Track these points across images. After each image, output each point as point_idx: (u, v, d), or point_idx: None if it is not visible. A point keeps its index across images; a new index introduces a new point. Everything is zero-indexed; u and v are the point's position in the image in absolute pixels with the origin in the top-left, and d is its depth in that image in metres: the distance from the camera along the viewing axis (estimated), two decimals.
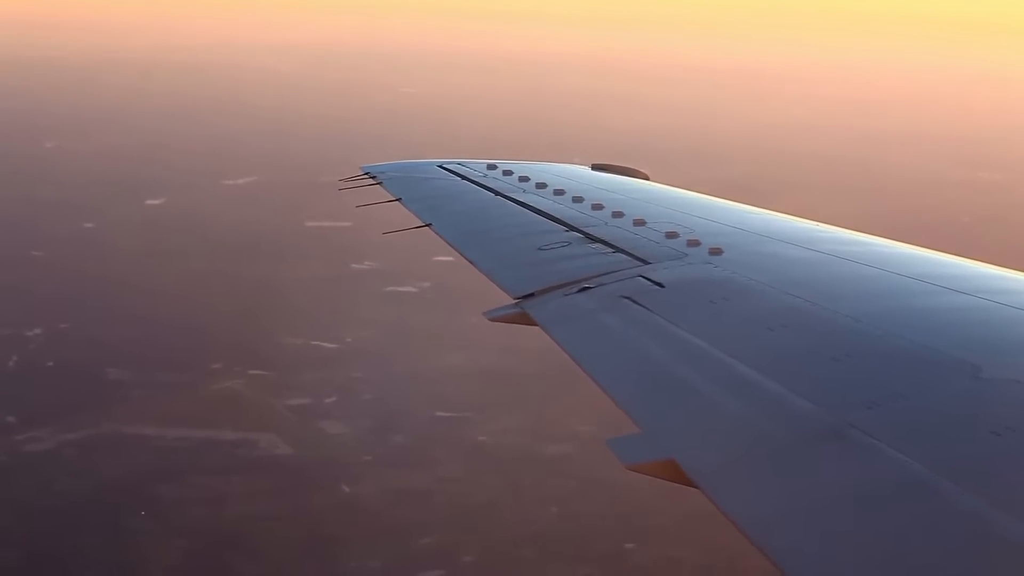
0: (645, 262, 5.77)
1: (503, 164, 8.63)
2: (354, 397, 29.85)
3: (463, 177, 8.44)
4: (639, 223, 6.52)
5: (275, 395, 29.91)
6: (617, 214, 6.76)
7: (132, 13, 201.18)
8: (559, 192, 7.57)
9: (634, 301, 5.17)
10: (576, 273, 5.75)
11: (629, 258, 5.88)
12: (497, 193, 7.80)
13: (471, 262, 6.44)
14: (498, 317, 5.60)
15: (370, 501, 24.27)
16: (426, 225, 7.41)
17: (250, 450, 26.72)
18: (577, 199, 7.29)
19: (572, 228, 6.63)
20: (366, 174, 8.92)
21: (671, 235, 6.14)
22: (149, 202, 53.94)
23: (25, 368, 31.33)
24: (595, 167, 8.85)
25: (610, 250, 6.07)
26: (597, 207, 7.03)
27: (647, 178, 8.56)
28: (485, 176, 8.38)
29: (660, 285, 5.35)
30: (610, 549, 22.66)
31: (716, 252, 5.70)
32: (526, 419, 28.37)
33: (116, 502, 23.61)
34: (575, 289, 5.53)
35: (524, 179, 8.05)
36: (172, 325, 35.05)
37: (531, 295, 5.63)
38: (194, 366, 31.54)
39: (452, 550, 22.37)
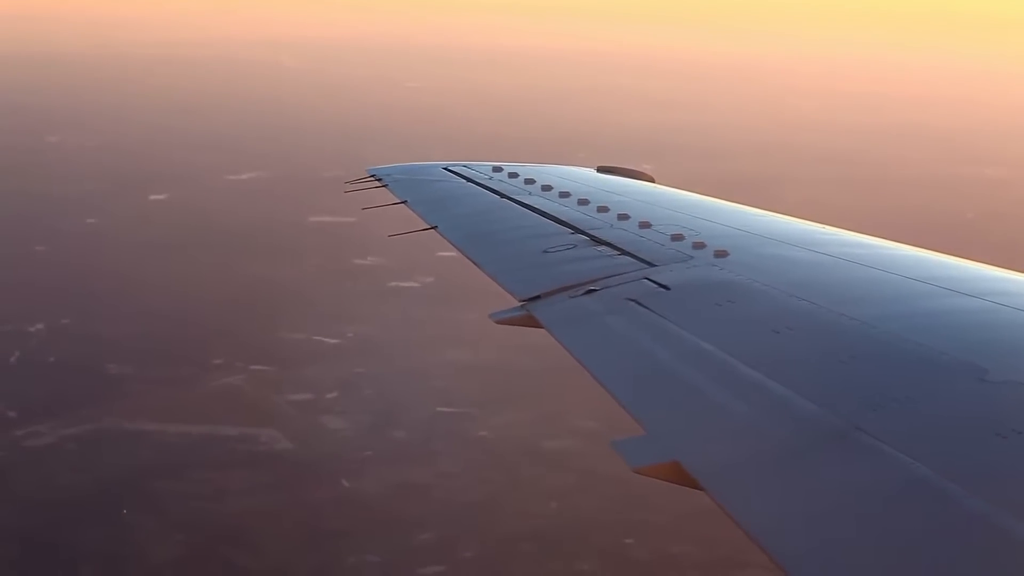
0: (650, 264, 5.79)
1: (508, 166, 8.65)
2: (355, 392, 29.86)
3: (468, 179, 8.46)
4: (644, 225, 6.54)
5: (276, 390, 29.93)
6: (622, 216, 6.78)
7: (134, 8, 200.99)
8: (564, 194, 7.58)
9: (639, 304, 5.19)
10: (581, 275, 5.77)
11: (634, 260, 5.90)
12: (502, 195, 7.82)
13: (477, 264, 6.45)
14: (503, 319, 5.62)
15: (370, 496, 24.31)
16: (432, 227, 7.43)
17: (251, 445, 26.75)
18: (582, 201, 7.31)
19: (577, 230, 6.64)
20: (371, 176, 8.94)
21: (676, 238, 6.16)
22: (152, 197, 53.88)
23: (26, 363, 31.32)
24: (600, 169, 8.87)
25: (615, 252, 6.09)
26: (602, 209, 7.05)
27: (652, 180, 8.58)
28: (490, 178, 8.39)
29: (665, 288, 5.36)
30: (610, 544, 22.68)
31: (721, 255, 5.71)
32: (527, 415, 28.38)
33: (116, 497, 23.66)
34: (580, 291, 5.55)
35: (529, 181, 8.07)
36: (173, 320, 35.07)
37: (536, 297, 5.64)
38: (195, 361, 31.54)
39: (452, 545, 22.40)
